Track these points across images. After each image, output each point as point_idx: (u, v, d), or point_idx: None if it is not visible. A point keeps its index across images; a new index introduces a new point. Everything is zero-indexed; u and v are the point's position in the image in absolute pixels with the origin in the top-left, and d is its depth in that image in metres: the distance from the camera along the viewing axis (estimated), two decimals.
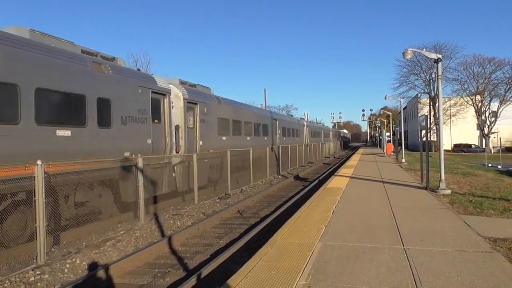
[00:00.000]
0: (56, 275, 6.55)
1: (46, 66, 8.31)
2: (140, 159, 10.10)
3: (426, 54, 13.34)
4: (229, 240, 9.03)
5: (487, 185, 13.87)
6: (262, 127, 22.95)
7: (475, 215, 8.51)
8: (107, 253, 7.72)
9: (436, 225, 7.49)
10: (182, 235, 9.07)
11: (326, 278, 4.77)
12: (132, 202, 10.46)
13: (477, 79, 51.44)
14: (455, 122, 54.24)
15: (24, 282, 6.17)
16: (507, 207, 9.25)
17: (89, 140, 9.32)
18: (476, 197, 10.99)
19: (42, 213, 7.00)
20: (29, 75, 7.88)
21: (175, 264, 7.40)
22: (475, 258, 5.42)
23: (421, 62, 48.09)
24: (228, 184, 15.78)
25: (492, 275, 4.76)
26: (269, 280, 4.72)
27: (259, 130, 22.37)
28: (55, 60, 8.59)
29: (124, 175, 10.25)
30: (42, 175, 7.01)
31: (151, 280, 6.59)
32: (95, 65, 9.78)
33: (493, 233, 6.79)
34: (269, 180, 20.93)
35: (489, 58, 50.16)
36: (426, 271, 4.93)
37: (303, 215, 8.77)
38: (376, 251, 5.87)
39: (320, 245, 6.26)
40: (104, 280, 6.43)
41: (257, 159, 20.00)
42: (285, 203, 13.33)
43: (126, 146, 10.52)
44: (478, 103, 51.64)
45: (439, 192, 11.57)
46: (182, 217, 11.03)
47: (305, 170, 27.26)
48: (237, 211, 12.43)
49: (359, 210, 9.22)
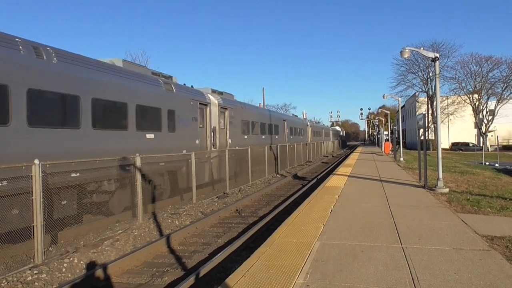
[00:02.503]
0: (53, 275, 6.54)
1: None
2: (138, 159, 10.08)
3: (423, 53, 13.34)
4: (227, 239, 9.03)
5: (485, 184, 13.91)
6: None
7: (473, 214, 8.54)
8: (105, 253, 7.71)
9: (434, 223, 7.51)
10: (180, 234, 9.07)
11: (324, 277, 4.77)
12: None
13: (474, 78, 51.68)
14: (453, 121, 54.48)
15: (22, 281, 6.15)
16: (504, 206, 9.28)
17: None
18: (474, 195, 11.02)
19: (40, 212, 6.98)
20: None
21: (173, 263, 7.40)
22: (473, 256, 5.44)
23: (419, 60, 48.26)
24: (226, 183, 15.79)
25: (489, 273, 4.77)
26: (267, 279, 4.73)
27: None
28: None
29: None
30: (39, 174, 6.99)
31: (149, 279, 6.59)
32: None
33: (490, 231, 6.82)
34: (268, 179, 20.93)
35: (486, 56, 50.48)
36: (423, 269, 4.95)
37: (302, 214, 8.78)
38: (374, 249, 5.89)
39: (318, 244, 6.26)
40: (102, 280, 6.43)
41: (256, 157, 19.99)
42: (284, 202, 13.34)
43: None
44: (476, 101, 51.83)
45: (437, 190, 11.60)
46: (180, 216, 11.01)
47: (304, 169, 27.28)
48: (236, 210, 12.43)
49: (358, 209, 9.24)
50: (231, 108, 18.37)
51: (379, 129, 63.05)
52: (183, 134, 13.71)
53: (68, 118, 8.79)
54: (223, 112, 17.48)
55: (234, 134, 18.44)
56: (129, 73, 11.31)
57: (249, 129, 21.06)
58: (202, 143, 15.22)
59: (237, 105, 19.57)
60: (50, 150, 8.14)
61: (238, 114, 19.20)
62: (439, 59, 12.69)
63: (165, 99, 12.76)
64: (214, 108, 16.38)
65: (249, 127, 20.98)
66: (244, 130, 20.09)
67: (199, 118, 14.93)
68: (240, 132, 19.38)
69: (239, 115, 19.31)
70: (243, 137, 19.66)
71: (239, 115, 19.32)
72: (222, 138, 17.31)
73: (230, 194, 15.16)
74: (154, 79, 12.68)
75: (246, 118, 20.43)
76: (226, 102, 17.86)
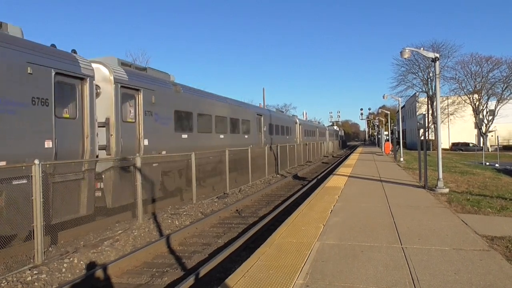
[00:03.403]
0: (53, 275, 6.54)
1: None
2: (138, 159, 10.09)
3: (423, 53, 13.33)
4: (227, 240, 9.02)
5: (485, 184, 13.90)
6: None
7: (473, 214, 8.53)
8: (105, 253, 7.70)
9: (434, 223, 7.50)
10: (180, 234, 9.06)
11: (324, 277, 4.77)
12: None
13: (474, 78, 51.71)
14: (453, 121, 54.47)
15: (21, 281, 6.15)
16: (504, 206, 9.27)
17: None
18: (474, 195, 11.01)
19: (39, 212, 6.97)
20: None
21: (173, 264, 7.39)
22: (473, 257, 5.43)
23: (419, 61, 48.28)
24: (226, 184, 15.79)
25: (489, 273, 4.77)
26: (267, 279, 4.72)
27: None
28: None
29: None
30: (39, 174, 6.98)
31: (149, 279, 6.58)
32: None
33: (490, 232, 6.81)
34: (268, 179, 20.93)
35: (486, 57, 50.56)
36: (423, 270, 4.94)
37: (302, 214, 8.78)
38: (374, 250, 5.88)
39: (318, 244, 6.26)
40: (102, 280, 6.42)
41: (255, 159, 19.99)
42: (284, 202, 13.34)
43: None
44: (476, 101, 51.85)
45: (437, 191, 11.60)
46: (180, 216, 11.01)
47: (304, 169, 27.28)
48: (236, 210, 12.43)
49: (358, 209, 9.23)
50: (150, 91, 11.85)
51: (379, 129, 63.03)
52: None
53: None
54: (131, 95, 11.19)
55: (156, 131, 12.07)
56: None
57: (192, 125, 14.53)
58: (67, 146, 8.61)
59: (165, 87, 13.00)
60: None
61: (167, 100, 12.81)
62: (439, 59, 12.68)
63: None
64: (105, 87, 10.36)
65: (191, 121, 14.49)
66: (181, 126, 13.70)
67: (56, 100, 8.34)
68: (171, 129, 13.04)
69: (169, 103, 12.97)
70: (178, 137, 13.42)
71: (169, 102, 12.97)
72: (129, 137, 10.92)
73: (230, 194, 15.16)
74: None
75: (185, 107, 14.01)
76: (136, 80, 11.37)
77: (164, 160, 12.41)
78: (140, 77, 11.83)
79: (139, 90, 11.45)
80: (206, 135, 15.76)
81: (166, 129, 12.82)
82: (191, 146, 13.96)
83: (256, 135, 22.23)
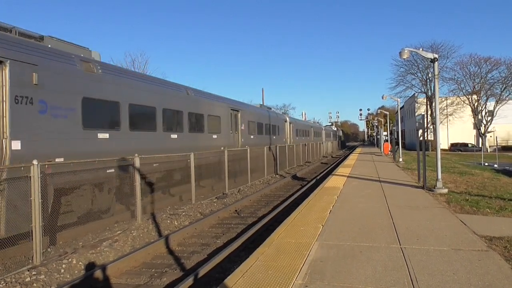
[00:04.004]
0: (52, 276, 6.53)
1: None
2: (137, 159, 10.07)
3: (422, 53, 13.35)
4: (226, 240, 9.02)
5: (484, 184, 13.92)
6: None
7: (472, 214, 8.54)
8: (104, 253, 7.70)
9: (432, 224, 7.51)
10: (179, 235, 9.06)
11: (323, 278, 4.77)
12: None
13: (473, 79, 51.81)
14: (452, 122, 54.50)
15: (20, 282, 6.14)
16: (503, 206, 9.29)
17: None
18: (473, 196, 11.03)
19: (38, 213, 6.96)
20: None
21: (172, 264, 7.39)
22: (471, 257, 5.44)
23: (418, 61, 48.27)
24: (225, 184, 15.78)
25: (488, 274, 4.78)
26: (266, 280, 4.72)
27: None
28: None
29: None
30: (38, 175, 6.98)
31: (148, 280, 6.58)
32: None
33: (489, 232, 6.82)
34: (267, 180, 20.93)
35: (485, 57, 50.63)
36: (422, 270, 4.95)
37: (301, 214, 8.77)
38: (373, 250, 5.89)
39: (317, 244, 6.26)
40: (101, 280, 6.41)
41: (254, 159, 19.97)
42: (283, 203, 13.33)
43: None
44: (475, 102, 51.94)
45: (436, 191, 11.61)
46: (179, 216, 11.00)
47: (303, 170, 27.28)
48: (235, 210, 12.42)
49: (356, 209, 9.24)
50: (30, 66, 7.85)
51: (378, 129, 63.08)
52: None
53: None
54: None
55: (41, 128, 8.07)
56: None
57: (119, 120, 10.51)
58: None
59: (65, 62, 8.87)
60: None
61: (67, 82, 8.82)
62: (438, 60, 12.71)
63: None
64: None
65: (117, 115, 10.45)
66: (96, 120, 9.69)
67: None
68: (76, 126, 9.02)
69: (73, 87, 8.96)
70: (90, 137, 9.42)
71: (73, 85, 8.96)
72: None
73: (229, 195, 15.15)
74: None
75: (104, 95, 9.96)
76: None
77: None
78: (6, 41, 7.59)
79: (2, 62, 7.36)
80: (147, 134, 11.76)
81: (65, 125, 8.70)
82: (116, 149, 10.02)
83: (229, 135, 18.36)
